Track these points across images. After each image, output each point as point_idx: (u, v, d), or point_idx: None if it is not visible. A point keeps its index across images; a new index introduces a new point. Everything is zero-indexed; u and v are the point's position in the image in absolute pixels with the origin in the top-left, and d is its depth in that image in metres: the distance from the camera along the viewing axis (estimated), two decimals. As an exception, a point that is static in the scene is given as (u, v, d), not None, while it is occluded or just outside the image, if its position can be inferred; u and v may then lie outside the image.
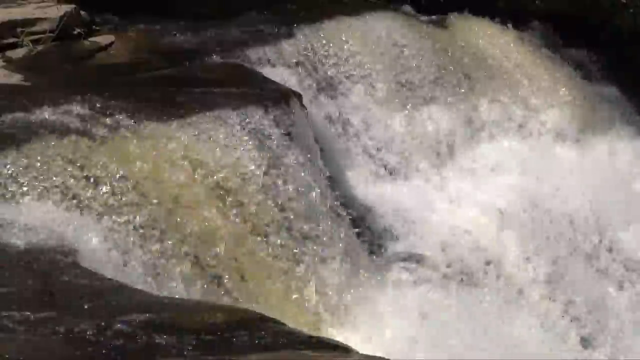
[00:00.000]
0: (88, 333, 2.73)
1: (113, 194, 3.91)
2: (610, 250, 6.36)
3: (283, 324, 3.00)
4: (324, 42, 6.30)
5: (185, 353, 2.67)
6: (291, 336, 2.86)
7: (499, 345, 4.99)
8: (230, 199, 4.25)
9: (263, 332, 2.83)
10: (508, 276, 5.71)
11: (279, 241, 4.32)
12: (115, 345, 2.67)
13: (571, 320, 5.76)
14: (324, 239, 4.55)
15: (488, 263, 5.66)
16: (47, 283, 3.14)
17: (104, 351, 2.64)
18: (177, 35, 6.05)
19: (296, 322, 3.85)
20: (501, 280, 5.66)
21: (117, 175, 3.99)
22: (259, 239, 4.27)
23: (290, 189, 4.52)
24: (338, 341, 2.94)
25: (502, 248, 5.81)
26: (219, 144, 4.43)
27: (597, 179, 6.72)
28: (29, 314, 2.84)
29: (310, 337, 2.96)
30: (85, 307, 2.94)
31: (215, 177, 4.27)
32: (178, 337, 2.75)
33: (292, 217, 4.45)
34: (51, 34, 5.53)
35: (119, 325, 2.79)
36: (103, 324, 2.78)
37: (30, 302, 2.95)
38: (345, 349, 2.80)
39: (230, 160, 4.39)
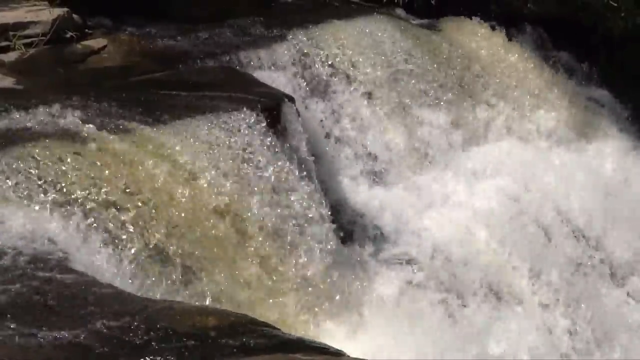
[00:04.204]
0: (80, 337, 2.73)
1: (106, 197, 3.91)
2: (603, 254, 6.38)
3: (274, 328, 3.01)
4: (317, 45, 6.31)
5: (177, 357, 2.67)
6: (282, 340, 2.87)
7: (489, 350, 5.01)
8: (221, 202, 4.25)
9: (254, 336, 2.83)
10: (499, 280, 5.72)
11: (268, 244, 4.33)
12: (107, 349, 2.68)
13: (564, 325, 5.78)
14: (314, 242, 4.55)
15: (479, 268, 5.67)
16: (39, 287, 3.14)
17: (95, 356, 2.64)
18: (170, 38, 6.06)
19: (284, 325, 3.86)
20: (492, 285, 5.67)
21: (110, 179, 3.99)
22: (250, 241, 4.28)
23: (282, 193, 4.53)
24: (328, 345, 2.95)
25: (494, 252, 5.82)
26: (211, 148, 4.44)
27: (588, 181, 6.74)
28: (22, 318, 2.84)
29: (301, 340, 2.97)
30: (78, 311, 2.94)
31: (207, 180, 4.28)
32: (170, 341, 2.75)
33: (283, 220, 4.46)
34: (43, 38, 5.53)
35: (111, 330, 2.80)
36: (95, 328, 2.79)
37: (23, 307, 2.95)
38: (336, 353, 2.81)
39: (223, 163, 4.40)
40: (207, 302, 3.94)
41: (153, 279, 3.85)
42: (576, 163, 6.91)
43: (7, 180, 3.79)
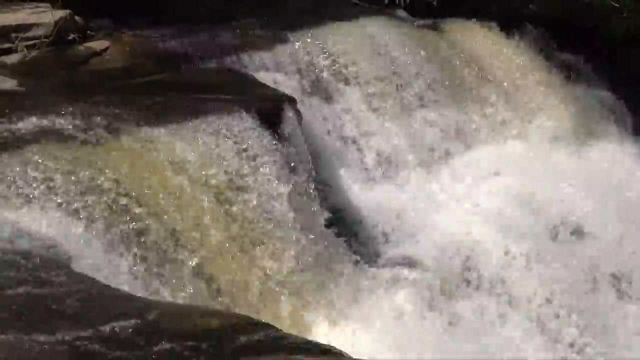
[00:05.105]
0: (82, 339, 2.73)
1: (106, 198, 3.91)
2: (606, 255, 6.37)
3: (276, 329, 3.01)
4: (319, 46, 6.31)
5: (179, 358, 2.68)
6: (284, 341, 2.87)
7: (493, 350, 5.00)
8: (222, 203, 4.26)
9: (256, 337, 2.84)
10: (504, 281, 5.71)
11: (269, 246, 4.33)
12: (108, 351, 2.68)
13: (567, 326, 5.78)
14: (315, 244, 4.55)
15: (483, 267, 5.67)
16: (42, 288, 3.14)
17: (97, 357, 2.64)
18: (172, 40, 6.07)
19: (285, 326, 3.87)
20: (497, 285, 5.67)
21: (111, 180, 3.99)
22: (249, 244, 4.28)
23: (283, 195, 4.53)
24: (330, 345, 2.96)
25: (498, 253, 5.81)
26: (212, 149, 4.44)
27: (592, 181, 6.73)
28: (22, 319, 2.85)
29: (303, 341, 2.97)
30: (79, 312, 2.95)
31: (207, 182, 4.28)
32: (172, 342, 2.76)
33: (282, 222, 4.46)
34: (46, 40, 5.54)
35: (112, 331, 2.80)
36: (97, 329, 2.79)
37: (24, 307, 2.95)
38: (338, 353, 2.82)
39: (223, 165, 4.40)
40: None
41: (156, 279, 3.86)
42: (578, 163, 6.91)
43: (10, 183, 3.79)
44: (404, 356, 4.40)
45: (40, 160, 3.92)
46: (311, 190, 4.84)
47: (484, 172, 6.55)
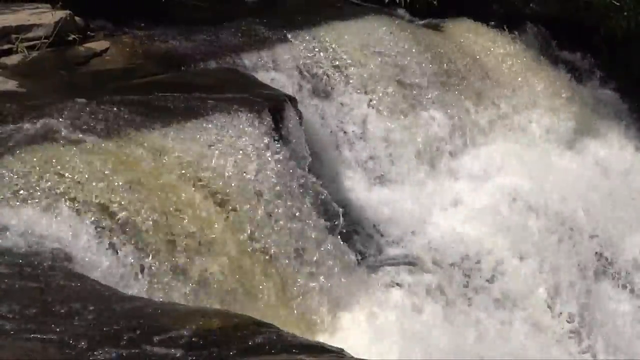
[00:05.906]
0: (82, 339, 2.74)
1: (108, 200, 3.91)
2: (607, 253, 6.37)
3: (278, 329, 3.01)
4: (319, 46, 6.31)
5: (181, 359, 2.68)
6: (286, 341, 2.87)
7: (493, 351, 5.01)
8: (221, 204, 4.26)
9: (258, 337, 2.84)
10: (504, 281, 5.72)
11: (268, 247, 4.32)
12: (109, 351, 2.68)
13: (568, 325, 5.78)
14: (315, 244, 4.55)
15: (483, 268, 5.67)
16: (41, 288, 3.15)
17: (97, 357, 2.64)
18: (172, 40, 6.06)
19: (287, 326, 3.85)
20: (497, 285, 5.67)
21: (112, 181, 3.99)
22: (248, 244, 4.28)
23: (282, 195, 4.53)
24: (331, 345, 2.96)
25: (498, 253, 5.81)
26: (212, 150, 4.44)
27: (592, 180, 6.74)
28: (23, 319, 2.85)
29: (305, 341, 2.97)
30: (80, 312, 2.95)
31: (207, 183, 4.28)
32: (173, 343, 2.76)
33: (282, 222, 4.46)
34: (46, 40, 5.54)
35: (113, 332, 2.80)
36: (97, 329, 2.80)
37: (24, 308, 2.96)
38: (339, 353, 2.82)
39: (223, 165, 4.39)
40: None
41: (157, 279, 3.86)
42: (579, 162, 6.92)
43: (11, 183, 3.79)
44: (404, 356, 4.40)
45: (41, 161, 3.92)
46: (312, 191, 4.83)
47: (484, 171, 6.55)
